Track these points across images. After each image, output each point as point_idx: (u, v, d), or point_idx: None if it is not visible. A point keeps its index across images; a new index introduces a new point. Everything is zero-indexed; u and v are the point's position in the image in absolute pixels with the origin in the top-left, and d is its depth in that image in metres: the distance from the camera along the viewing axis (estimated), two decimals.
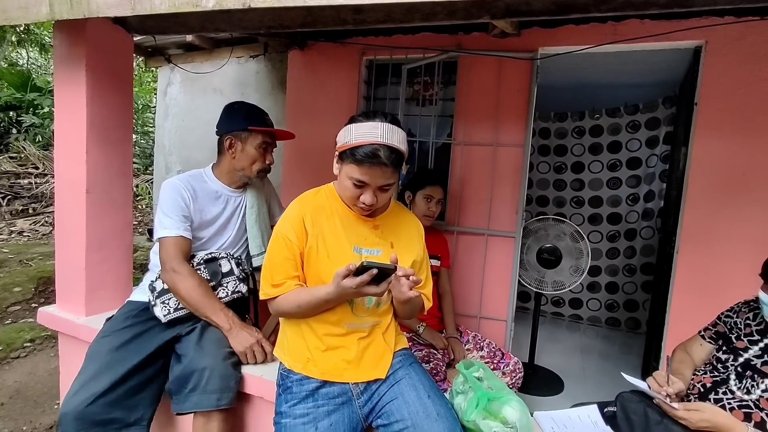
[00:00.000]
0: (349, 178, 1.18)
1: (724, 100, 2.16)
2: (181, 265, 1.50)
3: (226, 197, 1.69)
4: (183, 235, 1.54)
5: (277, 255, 1.26)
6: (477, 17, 1.33)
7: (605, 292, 3.94)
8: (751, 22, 2.00)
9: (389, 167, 1.15)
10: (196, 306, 1.49)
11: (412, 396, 1.22)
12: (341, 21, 1.49)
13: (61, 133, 1.81)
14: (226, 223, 1.69)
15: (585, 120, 3.78)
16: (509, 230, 2.62)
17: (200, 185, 1.64)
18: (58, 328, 1.87)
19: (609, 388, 2.80)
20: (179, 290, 1.48)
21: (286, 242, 1.24)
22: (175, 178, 1.62)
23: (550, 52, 2.42)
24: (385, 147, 1.13)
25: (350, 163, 1.16)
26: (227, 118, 1.66)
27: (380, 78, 2.91)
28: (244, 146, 1.63)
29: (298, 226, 1.24)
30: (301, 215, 1.25)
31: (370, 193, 1.18)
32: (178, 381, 1.40)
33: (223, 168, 1.69)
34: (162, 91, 4.08)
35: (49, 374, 2.70)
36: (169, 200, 1.56)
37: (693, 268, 2.27)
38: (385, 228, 1.31)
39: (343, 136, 1.19)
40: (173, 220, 1.54)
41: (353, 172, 1.16)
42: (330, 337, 1.26)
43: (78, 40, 1.69)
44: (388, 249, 1.28)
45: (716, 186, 2.20)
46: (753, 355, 1.24)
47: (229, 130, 1.63)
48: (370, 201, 1.18)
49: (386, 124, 1.15)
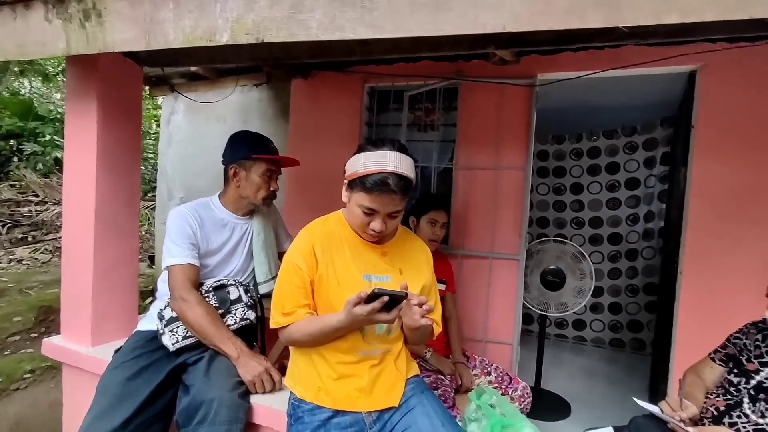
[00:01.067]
0: (358, 206, 1.20)
1: (720, 122, 2.21)
2: (189, 293, 1.50)
3: (232, 225, 1.70)
4: (191, 262, 1.54)
5: (287, 284, 1.26)
6: (481, 47, 1.38)
7: (608, 312, 3.93)
8: (743, 48, 2.06)
9: (398, 194, 1.17)
10: (205, 334, 1.48)
11: (425, 424, 1.21)
12: (349, 52, 1.53)
13: (70, 162, 1.83)
14: (233, 250, 1.70)
15: (583, 142, 3.84)
16: (513, 253, 2.63)
17: (207, 213, 1.66)
18: (63, 359, 1.84)
19: (616, 412, 2.76)
20: (188, 318, 1.48)
21: (297, 271, 1.24)
22: (182, 207, 1.64)
23: (548, 78, 2.48)
24: (394, 175, 1.15)
25: (360, 191, 1.18)
26: (232, 148, 1.68)
27: (382, 104, 2.96)
28: (249, 174, 1.65)
29: (308, 254, 1.24)
30: (311, 243, 1.26)
31: (380, 220, 1.20)
32: (186, 413, 1.38)
33: (229, 196, 1.70)
34: (165, 118, 4.13)
35: (49, 406, 2.65)
36: (177, 228, 1.57)
37: (698, 288, 2.28)
38: (394, 254, 1.32)
39: (352, 165, 1.21)
40: (181, 248, 1.54)
41: (363, 200, 1.18)
42: (342, 366, 1.25)
43: (90, 74, 1.73)
44: (397, 275, 1.29)
45: (717, 206, 2.22)
46: (765, 377, 1.24)
47: (234, 159, 1.65)
48: (379, 228, 1.20)
49: (395, 152, 1.18)
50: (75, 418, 1.85)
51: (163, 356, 1.51)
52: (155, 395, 1.43)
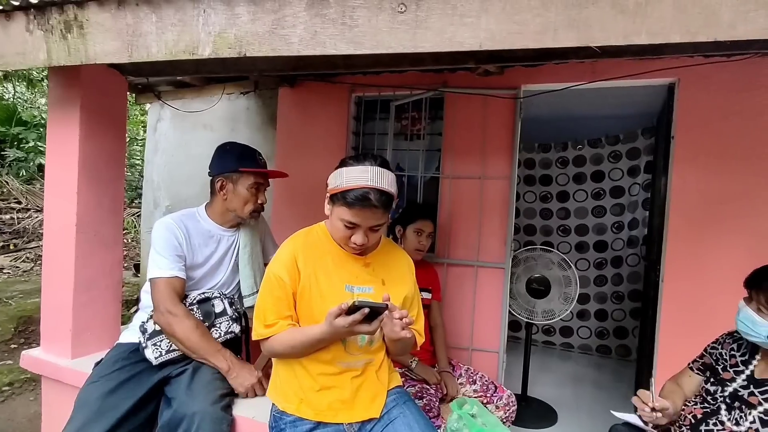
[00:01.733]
0: (340, 220, 1.21)
1: (698, 133, 2.27)
2: (176, 306, 1.48)
3: (218, 237, 1.69)
4: (177, 275, 1.53)
5: (269, 295, 1.26)
6: (462, 62, 1.40)
7: (595, 319, 3.96)
8: (718, 63, 2.12)
9: (379, 209, 1.18)
10: (194, 348, 1.47)
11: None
12: (332, 65, 1.55)
13: (52, 172, 1.81)
14: (219, 263, 1.69)
15: (568, 150, 3.90)
16: (498, 261, 2.65)
17: (193, 225, 1.64)
18: (42, 371, 1.81)
19: (602, 418, 2.78)
20: (175, 332, 1.46)
21: (279, 282, 1.25)
22: (168, 218, 1.62)
23: (532, 89, 2.52)
24: (375, 190, 1.17)
25: (341, 206, 1.20)
26: (219, 159, 1.66)
27: (369, 114, 2.98)
28: (236, 187, 1.64)
29: (291, 266, 1.25)
30: (293, 255, 1.27)
31: (361, 233, 1.22)
32: (168, 426, 1.37)
33: (215, 208, 1.69)
34: (152, 126, 4.11)
35: (28, 420, 2.59)
36: (163, 240, 1.55)
37: (679, 295, 2.32)
38: (377, 265, 1.33)
39: (334, 180, 1.23)
40: (167, 260, 1.53)
41: (344, 214, 1.20)
42: (324, 377, 1.26)
43: (73, 83, 1.73)
44: (379, 286, 1.30)
45: (696, 214, 2.27)
46: (739, 386, 1.27)
47: (221, 172, 1.64)
48: (361, 241, 1.22)
49: (376, 167, 1.19)
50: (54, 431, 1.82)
51: (145, 369, 1.50)
52: (136, 408, 1.41)
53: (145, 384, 1.46)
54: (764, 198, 2.16)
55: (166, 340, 1.50)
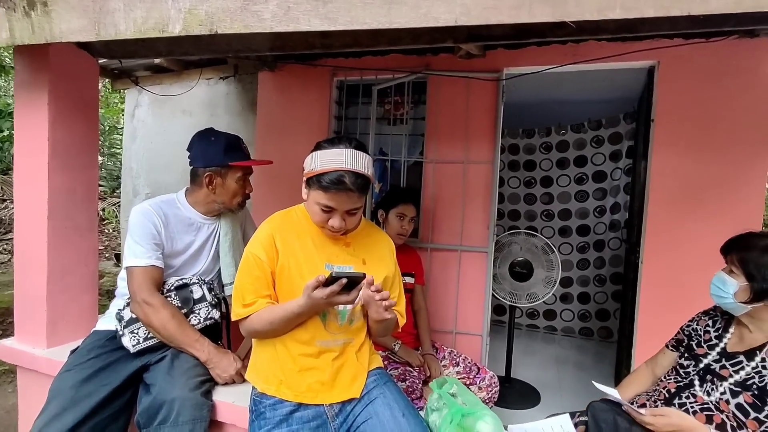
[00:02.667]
0: (316, 204, 1.20)
1: (678, 117, 2.28)
2: (152, 296, 1.45)
3: (199, 225, 1.64)
4: (154, 264, 1.49)
5: (247, 275, 1.25)
6: (441, 41, 1.38)
7: (577, 302, 4.03)
8: (698, 44, 2.13)
9: (355, 192, 1.17)
10: (171, 338, 1.45)
11: (386, 415, 1.22)
12: (309, 45, 1.51)
13: (21, 159, 1.75)
14: (199, 251, 1.65)
15: (552, 135, 3.91)
16: (482, 245, 2.66)
17: (172, 211, 1.59)
18: (17, 361, 1.78)
19: (584, 398, 2.81)
20: (152, 323, 1.44)
21: (257, 261, 1.24)
22: (146, 203, 1.56)
23: (514, 72, 2.51)
24: (351, 173, 1.15)
25: (317, 189, 1.18)
26: (204, 151, 1.58)
27: (351, 98, 2.94)
28: (225, 181, 1.59)
29: (269, 245, 1.24)
30: (271, 234, 1.25)
31: (338, 217, 1.21)
32: (147, 413, 1.35)
33: (198, 198, 1.63)
34: (129, 113, 4.01)
35: (6, 412, 2.55)
36: (140, 227, 1.50)
37: (657, 277, 2.36)
38: (357, 245, 1.33)
39: (309, 163, 1.21)
40: (144, 248, 1.48)
41: (320, 198, 1.18)
42: (303, 358, 1.25)
43: (41, 65, 1.66)
44: (359, 265, 1.29)
45: (674, 198, 2.30)
46: (712, 360, 1.30)
47: (208, 165, 1.57)
48: (338, 225, 1.21)
49: (351, 150, 1.17)
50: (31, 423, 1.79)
51: (122, 357, 1.47)
52: (113, 396, 1.39)
53: (122, 372, 1.44)
54: (741, 181, 2.20)
55: (144, 328, 1.48)
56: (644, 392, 1.45)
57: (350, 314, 1.28)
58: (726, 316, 1.37)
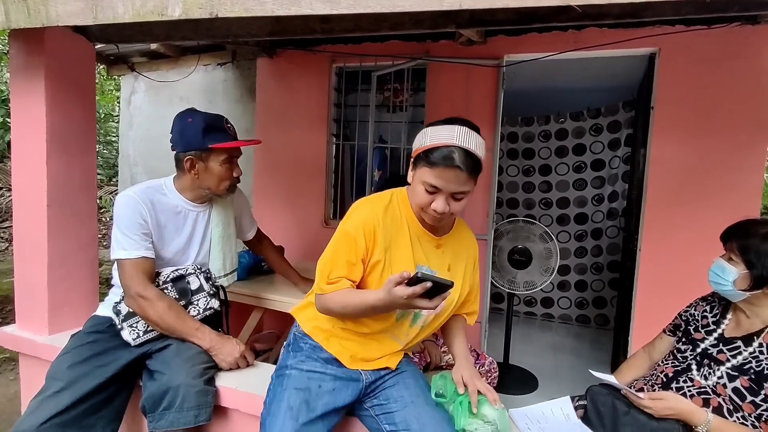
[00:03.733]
0: (422, 183, 1.11)
1: (677, 104, 2.28)
2: (146, 289, 1.41)
3: (186, 212, 1.57)
4: (145, 255, 1.43)
5: (341, 253, 1.18)
6: (443, 26, 1.36)
7: (575, 290, 4.06)
8: (699, 31, 2.12)
9: (464, 172, 1.07)
10: (171, 330, 1.43)
11: (412, 383, 1.25)
12: (310, 30, 1.50)
13: (18, 145, 1.74)
14: (190, 240, 1.59)
15: (551, 124, 3.90)
16: (481, 233, 2.67)
17: (159, 198, 1.51)
18: (19, 348, 1.78)
19: (581, 384, 2.86)
20: (149, 316, 1.41)
21: (356, 245, 1.17)
22: (130, 191, 1.48)
23: (515, 59, 2.50)
24: (461, 150, 1.07)
25: (424, 166, 1.11)
26: (181, 134, 1.50)
27: (350, 85, 2.92)
28: (207, 165, 1.51)
29: (369, 235, 1.17)
30: (374, 225, 1.18)
31: (443, 199, 1.10)
32: (152, 399, 1.35)
33: (185, 184, 1.56)
34: (126, 99, 3.97)
35: (8, 400, 2.56)
36: (126, 217, 1.43)
37: (655, 265, 2.38)
38: (447, 248, 1.27)
39: (418, 140, 1.15)
40: (132, 240, 1.42)
41: (426, 175, 1.10)
42: (361, 336, 1.25)
43: (36, 49, 1.63)
44: (444, 272, 1.25)
45: (673, 186, 2.31)
46: (709, 345, 1.31)
47: (187, 149, 1.49)
48: (442, 208, 1.10)
49: (463, 127, 1.10)
50: None
51: (121, 343, 1.46)
52: (110, 380, 1.39)
53: (121, 358, 1.43)
54: (739, 169, 2.21)
55: (142, 322, 1.45)
56: (642, 377, 1.47)
57: (424, 320, 1.25)
58: (723, 302, 1.38)
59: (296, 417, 1.14)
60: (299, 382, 1.21)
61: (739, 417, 1.18)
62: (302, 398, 1.17)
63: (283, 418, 1.14)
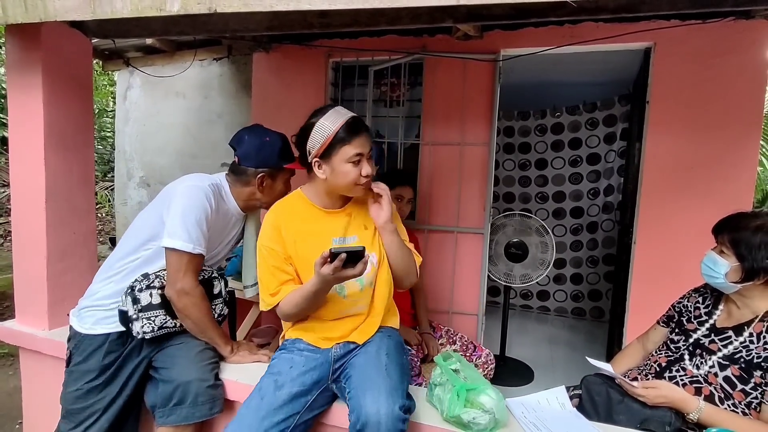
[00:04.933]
0: (346, 161, 1.23)
1: (672, 99, 2.30)
2: (195, 287, 1.39)
3: (234, 220, 1.61)
4: (203, 253, 1.41)
5: (265, 266, 1.31)
6: (440, 21, 1.37)
7: (570, 283, 4.10)
8: (694, 26, 2.14)
9: (369, 133, 1.27)
10: (203, 331, 1.45)
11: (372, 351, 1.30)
12: (308, 25, 1.50)
13: (16, 140, 1.74)
14: (226, 244, 1.63)
15: (547, 118, 3.91)
16: (478, 227, 2.69)
17: (219, 201, 1.50)
18: (19, 343, 1.79)
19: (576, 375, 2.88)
20: (191, 314, 1.39)
21: (270, 252, 1.30)
22: (203, 184, 1.44)
23: (511, 53, 2.51)
24: (356, 118, 1.26)
25: (341, 147, 1.22)
26: (259, 151, 1.52)
27: (347, 80, 2.92)
28: (275, 183, 1.56)
29: (276, 235, 1.30)
30: (275, 225, 1.31)
31: (366, 162, 1.26)
32: (162, 395, 1.37)
33: (242, 194, 1.56)
34: (121, 95, 3.95)
35: (8, 394, 2.57)
36: (198, 209, 1.38)
37: (649, 258, 2.40)
38: (356, 214, 1.38)
39: (316, 137, 1.24)
40: (199, 234, 1.37)
41: (348, 151, 1.22)
42: (330, 323, 1.35)
43: (33, 44, 1.63)
44: (362, 231, 1.35)
45: (667, 180, 2.34)
46: (702, 335, 1.34)
47: (261, 166, 1.52)
48: (371, 170, 1.26)
49: (336, 105, 1.28)
50: (35, 402, 1.82)
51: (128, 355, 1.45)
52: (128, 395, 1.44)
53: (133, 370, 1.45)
54: (732, 163, 2.24)
55: (161, 317, 1.40)
56: (636, 367, 1.50)
57: (369, 279, 1.33)
58: (716, 293, 1.41)
59: (262, 396, 1.22)
60: (273, 368, 1.30)
61: (729, 405, 1.21)
62: (272, 380, 1.25)
63: (252, 397, 1.23)
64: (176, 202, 1.38)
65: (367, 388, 1.16)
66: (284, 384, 1.23)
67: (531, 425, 1.21)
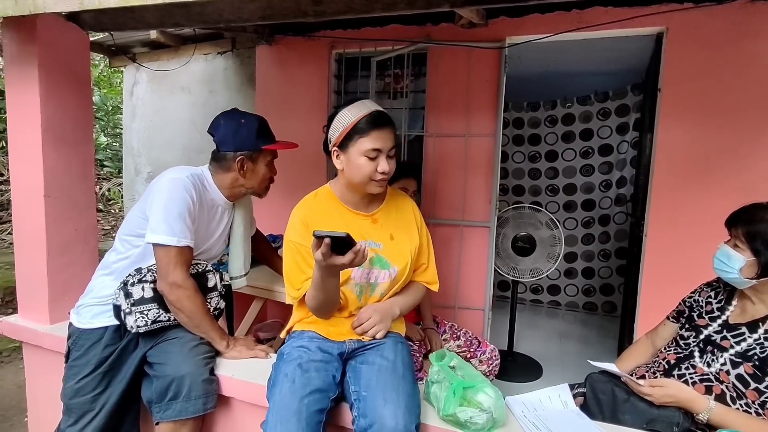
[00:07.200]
0: (362, 155, 1.21)
1: (685, 86, 2.21)
2: (186, 280, 1.37)
3: (220, 209, 1.58)
4: (189, 245, 1.39)
5: (291, 261, 1.31)
6: (437, 6, 1.32)
7: (582, 277, 4.01)
8: (708, 8, 2.04)
9: (391, 128, 1.24)
10: (198, 325, 1.42)
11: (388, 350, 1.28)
12: (302, 13, 1.46)
13: (14, 136, 1.74)
14: (217, 238, 1.60)
15: (557, 109, 3.82)
16: (484, 220, 2.64)
17: (202, 191, 1.49)
18: (21, 337, 1.80)
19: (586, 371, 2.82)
20: (184, 308, 1.38)
21: (296, 247, 1.29)
22: (182, 175, 1.42)
23: (517, 41, 2.43)
24: (380, 112, 1.23)
25: (359, 139, 1.21)
26: (235, 134, 1.50)
27: (350, 71, 2.88)
28: (256, 166, 1.54)
29: (303, 230, 1.28)
30: (303, 221, 1.29)
31: (384, 159, 1.22)
32: (158, 390, 1.36)
33: (225, 182, 1.54)
34: (128, 91, 3.97)
35: (18, 387, 2.61)
36: (180, 201, 1.37)
37: (661, 251, 2.33)
38: (384, 221, 1.35)
39: (337, 127, 1.24)
40: (182, 226, 1.36)
41: (364, 144, 1.20)
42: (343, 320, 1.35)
43: (29, 38, 1.63)
44: (388, 241, 1.33)
45: (679, 171, 2.25)
46: (713, 331, 1.28)
47: (239, 149, 1.50)
48: (387, 167, 1.22)
49: (365, 99, 1.26)
50: (38, 396, 1.84)
51: (124, 351, 1.44)
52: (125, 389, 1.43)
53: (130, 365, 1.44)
54: (747, 152, 2.14)
55: (155, 310, 1.40)
56: (644, 364, 1.44)
57: (382, 289, 1.33)
58: (729, 288, 1.34)
59: (292, 379, 1.19)
60: (290, 356, 1.27)
61: (742, 404, 1.15)
62: (295, 364, 1.23)
63: (281, 385, 1.19)
64: (157, 197, 1.38)
65: (388, 400, 1.13)
66: (309, 368, 1.21)
67: (530, 424, 1.17)
